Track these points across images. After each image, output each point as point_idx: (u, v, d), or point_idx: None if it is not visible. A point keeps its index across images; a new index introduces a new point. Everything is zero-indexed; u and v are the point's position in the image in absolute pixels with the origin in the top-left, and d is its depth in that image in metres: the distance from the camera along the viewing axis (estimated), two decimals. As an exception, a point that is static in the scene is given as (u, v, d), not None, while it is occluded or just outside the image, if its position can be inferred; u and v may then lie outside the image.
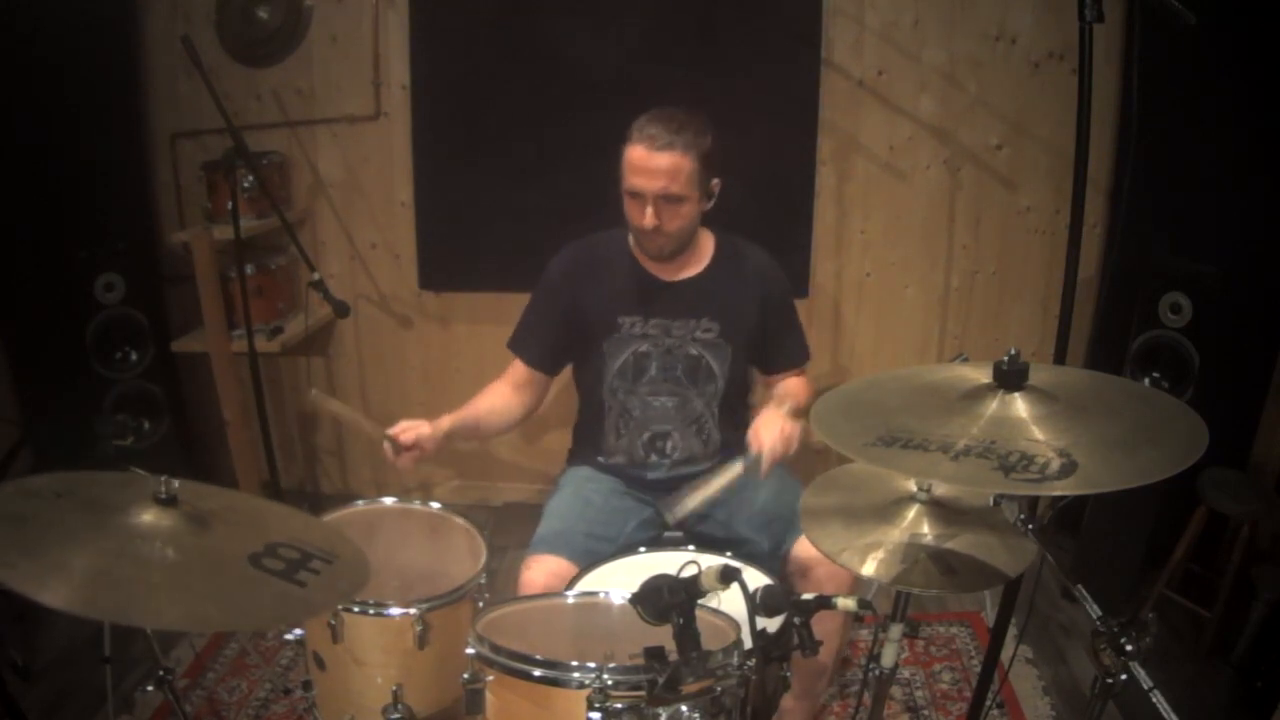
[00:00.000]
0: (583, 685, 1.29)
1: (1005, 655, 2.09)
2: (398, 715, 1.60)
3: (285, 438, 3.48)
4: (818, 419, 1.32)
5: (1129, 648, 1.11)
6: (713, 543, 2.01)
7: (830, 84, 2.99)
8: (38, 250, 2.84)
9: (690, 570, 1.26)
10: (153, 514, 1.26)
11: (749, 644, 1.33)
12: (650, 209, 1.90)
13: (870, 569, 1.43)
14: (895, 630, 1.57)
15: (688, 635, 1.23)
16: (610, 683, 1.28)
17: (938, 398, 1.30)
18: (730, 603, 1.34)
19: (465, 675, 1.40)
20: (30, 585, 1.08)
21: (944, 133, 3.07)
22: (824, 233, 3.15)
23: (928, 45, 3.00)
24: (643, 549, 1.92)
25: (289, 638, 1.74)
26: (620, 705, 1.26)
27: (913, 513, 1.50)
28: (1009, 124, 3.05)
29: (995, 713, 2.33)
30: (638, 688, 1.27)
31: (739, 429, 1.96)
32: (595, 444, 2.17)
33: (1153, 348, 2.67)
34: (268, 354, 2.99)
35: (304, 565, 1.31)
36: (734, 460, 1.83)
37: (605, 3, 2.93)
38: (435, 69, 3.03)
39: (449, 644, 1.64)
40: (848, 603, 1.33)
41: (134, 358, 2.96)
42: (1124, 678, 1.14)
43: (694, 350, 2.06)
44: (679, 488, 1.86)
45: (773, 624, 1.36)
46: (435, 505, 1.96)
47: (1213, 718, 2.37)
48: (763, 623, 1.31)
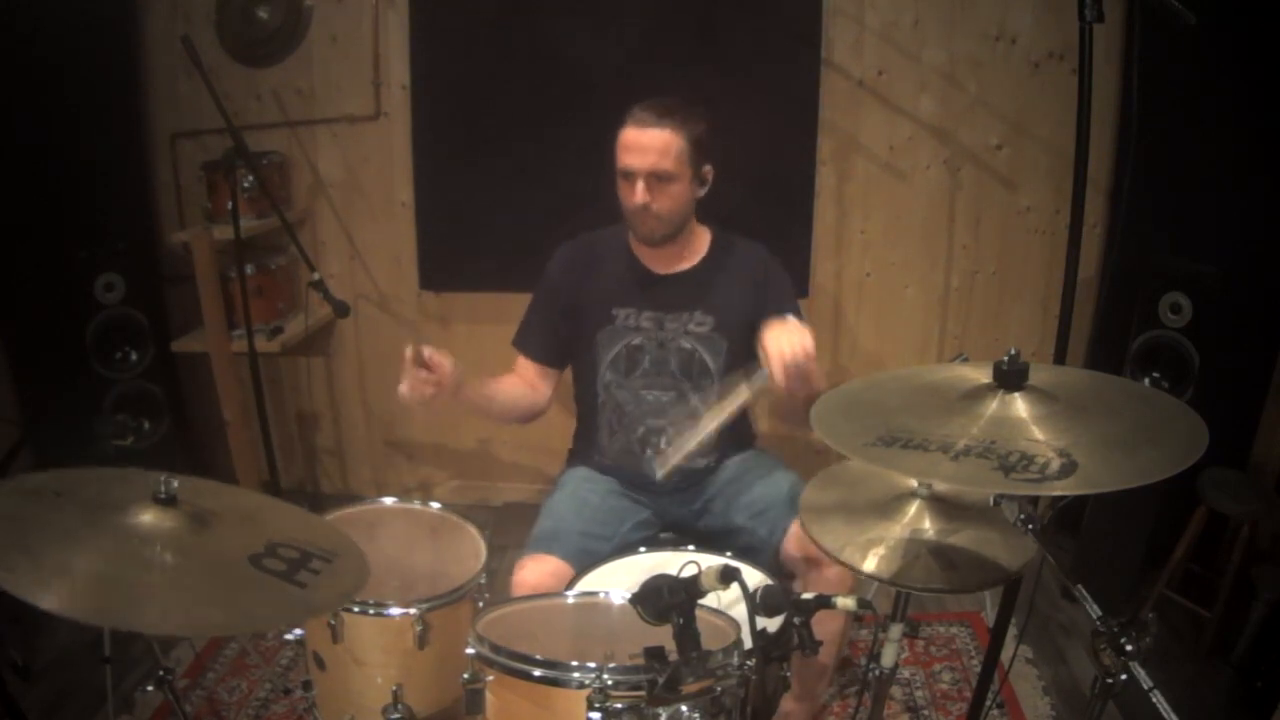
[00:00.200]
0: (583, 685, 1.29)
1: (1005, 655, 2.08)
2: (398, 715, 1.60)
3: (285, 438, 3.48)
4: (818, 419, 1.32)
5: (1129, 648, 1.11)
6: (709, 534, 2.00)
7: (830, 84, 3.00)
8: (38, 250, 2.83)
9: (690, 570, 1.26)
10: (152, 514, 1.26)
11: (749, 644, 1.33)
12: (641, 184, 1.90)
13: (871, 565, 1.44)
14: (895, 630, 1.58)
15: (688, 635, 1.23)
16: (610, 683, 1.28)
17: (938, 398, 1.30)
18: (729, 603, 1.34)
19: (465, 675, 1.40)
20: (31, 590, 1.08)
21: (944, 133, 3.07)
22: (824, 233, 3.15)
23: (928, 45, 3.00)
24: (643, 549, 1.92)
25: (289, 638, 1.74)
26: (620, 705, 1.25)
27: (914, 508, 1.51)
28: (1009, 124, 3.05)
29: (995, 713, 2.33)
30: (638, 688, 1.27)
31: (735, 426, 1.95)
32: (593, 443, 2.17)
33: (1153, 348, 2.67)
34: (268, 354, 2.99)
35: (304, 565, 1.31)
36: (738, 384, 1.72)
37: (605, 3, 2.93)
38: (435, 69, 3.03)
39: (449, 644, 1.64)
40: (847, 602, 1.33)
41: (134, 358, 2.96)
42: (1124, 678, 1.13)
43: (687, 344, 2.05)
44: (677, 487, 1.84)
45: (773, 624, 1.36)
46: (435, 505, 1.96)
47: (1213, 718, 2.37)
48: (763, 623, 1.31)
